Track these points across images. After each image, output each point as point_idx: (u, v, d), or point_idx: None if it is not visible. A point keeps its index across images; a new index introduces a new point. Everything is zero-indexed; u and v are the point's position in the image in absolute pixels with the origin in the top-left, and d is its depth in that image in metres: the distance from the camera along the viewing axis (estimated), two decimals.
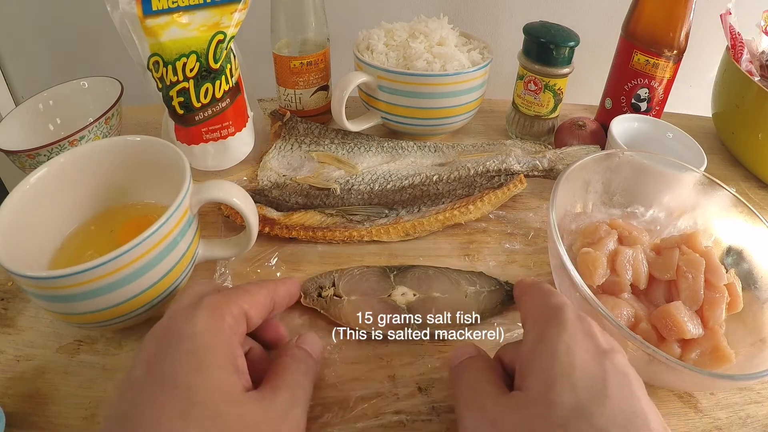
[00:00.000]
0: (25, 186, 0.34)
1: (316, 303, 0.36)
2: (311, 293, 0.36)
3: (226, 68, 0.45)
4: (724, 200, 0.40)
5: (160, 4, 0.41)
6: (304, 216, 0.44)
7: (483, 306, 0.37)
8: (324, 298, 0.36)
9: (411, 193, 0.48)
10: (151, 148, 0.38)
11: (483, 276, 0.40)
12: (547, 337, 0.24)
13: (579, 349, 0.24)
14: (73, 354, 0.34)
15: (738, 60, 0.57)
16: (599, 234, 0.39)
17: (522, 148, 0.54)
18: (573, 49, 0.54)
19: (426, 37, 0.55)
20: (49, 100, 0.53)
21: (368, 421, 0.31)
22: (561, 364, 0.23)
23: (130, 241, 0.29)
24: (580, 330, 0.25)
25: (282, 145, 0.53)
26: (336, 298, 0.36)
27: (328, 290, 0.36)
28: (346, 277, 0.38)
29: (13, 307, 0.38)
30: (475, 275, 0.40)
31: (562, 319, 0.25)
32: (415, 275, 0.38)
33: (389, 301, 0.36)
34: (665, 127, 0.52)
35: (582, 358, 0.23)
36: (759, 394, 0.35)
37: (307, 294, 0.36)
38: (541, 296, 0.28)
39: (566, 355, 0.23)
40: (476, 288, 0.38)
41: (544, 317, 0.26)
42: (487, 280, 0.39)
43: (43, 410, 0.31)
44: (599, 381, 0.22)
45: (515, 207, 0.49)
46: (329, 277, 0.38)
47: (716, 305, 0.34)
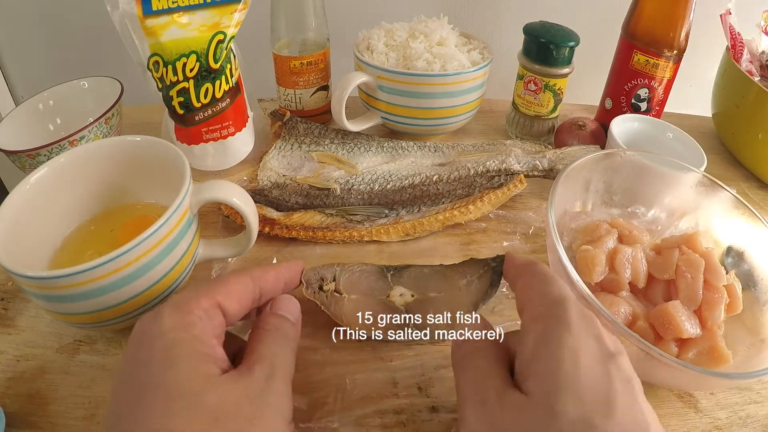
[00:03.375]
0: (25, 186, 0.34)
1: (317, 296, 0.36)
2: (313, 285, 0.36)
3: (226, 68, 0.45)
4: (724, 201, 0.40)
5: (160, 4, 0.41)
6: (304, 216, 0.44)
7: (475, 296, 0.36)
8: (325, 292, 0.36)
9: (411, 193, 0.48)
10: (151, 148, 0.38)
11: (471, 262, 0.38)
12: (550, 338, 0.23)
13: (584, 353, 0.22)
14: (73, 354, 0.34)
15: (738, 60, 0.57)
16: (599, 232, 0.39)
17: (522, 148, 0.54)
18: (573, 49, 0.54)
19: (426, 37, 0.55)
20: (49, 100, 0.53)
21: (368, 420, 0.31)
22: (566, 371, 0.22)
23: (130, 241, 0.29)
24: (584, 330, 0.23)
25: (282, 145, 0.53)
26: (336, 294, 0.36)
27: (330, 284, 0.36)
28: (346, 273, 0.37)
29: (13, 307, 0.38)
30: (465, 264, 0.39)
31: (566, 317, 0.24)
32: (411, 275, 0.38)
33: (388, 302, 0.36)
34: (665, 127, 0.52)
35: (587, 364, 0.22)
36: (759, 394, 0.35)
37: (308, 284, 0.36)
38: (540, 284, 0.26)
39: (571, 360, 0.22)
40: (467, 279, 0.38)
41: (545, 312, 0.25)
42: (474, 266, 0.38)
43: (43, 410, 0.31)
44: (605, 390, 0.21)
45: (515, 207, 0.49)
46: (331, 270, 0.37)
47: (715, 306, 0.34)
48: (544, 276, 0.27)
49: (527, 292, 0.27)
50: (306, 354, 0.35)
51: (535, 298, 0.26)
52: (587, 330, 0.23)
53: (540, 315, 0.25)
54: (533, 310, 0.25)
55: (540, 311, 0.25)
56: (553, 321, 0.24)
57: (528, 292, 0.27)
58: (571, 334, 0.23)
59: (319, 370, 0.34)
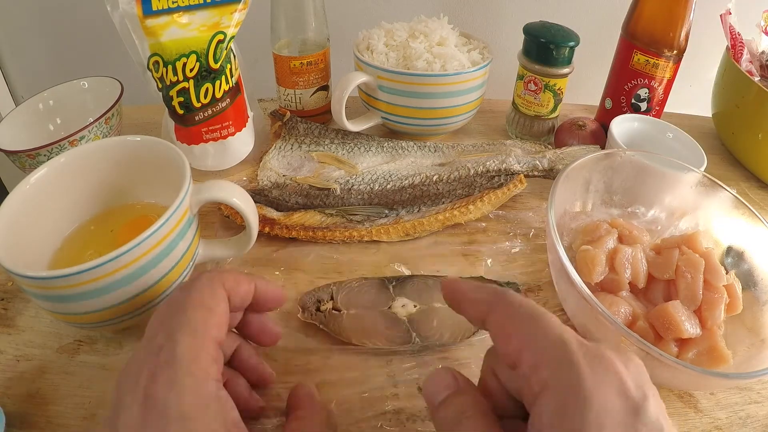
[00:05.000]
0: (25, 186, 0.34)
1: (315, 318, 0.35)
2: (309, 307, 0.36)
3: (226, 68, 0.45)
4: (724, 201, 0.40)
5: (160, 4, 0.41)
6: (304, 216, 0.44)
7: None
8: (323, 312, 0.36)
9: (411, 193, 0.48)
10: (151, 148, 0.38)
11: (483, 281, 0.39)
12: (569, 412, 0.20)
13: (610, 423, 0.19)
14: (73, 354, 0.34)
15: (738, 60, 0.57)
16: (599, 232, 0.39)
17: (522, 148, 0.54)
18: (573, 49, 0.54)
19: (426, 37, 0.55)
20: (49, 100, 0.53)
21: (368, 421, 0.31)
22: None
23: (130, 241, 0.29)
24: (604, 386, 0.20)
25: (282, 145, 0.53)
26: (335, 312, 0.36)
27: (327, 304, 0.36)
28: (344, 290, 0.37)
29: (13, 307, 0.38)
30: (473, 280, 0.39)
31: (582, 381, 0.20)
32: (414, 286, 0.38)
33: (389, 314, 0.36)
34: (665, 127, 0.52)
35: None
36: (759, 394, 0.35)
37: (305, 308, 0.36)
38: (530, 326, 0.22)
39: None
40: None
41: (554, 373, 0.21)
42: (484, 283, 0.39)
43: (43, 410, 0.31)
44: None
45: (515, 207, 0.49)
46: (327, 290, 0.37)
47: (715, 306, 0.34)
48: (529, 312, 0.23)
49: (517, 336, 0.23)
50: (305, 355, 0.35)
51: (532, 346, 0.22)
52: (606, 384, 0.20)
53: (547, 373, 0.21)
54: (531, 358, 0.22)
55: (545, 369, 0.21)
56: (570, 390, 0.20)
57: (518, 336, 0.23)
58: (594, 405, 0.20)
59: (319, 371, 0.34)
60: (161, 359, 0.22)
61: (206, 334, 0.24)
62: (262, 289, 0.29)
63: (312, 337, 0.36)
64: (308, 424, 0.26)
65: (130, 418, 0.21)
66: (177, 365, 0.22)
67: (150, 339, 0.24)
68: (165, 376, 0.22)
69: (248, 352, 0.30)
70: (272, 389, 0.32)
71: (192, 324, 0.24)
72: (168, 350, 0.22)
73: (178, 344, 0.23)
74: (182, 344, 0.23)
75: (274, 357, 0.34)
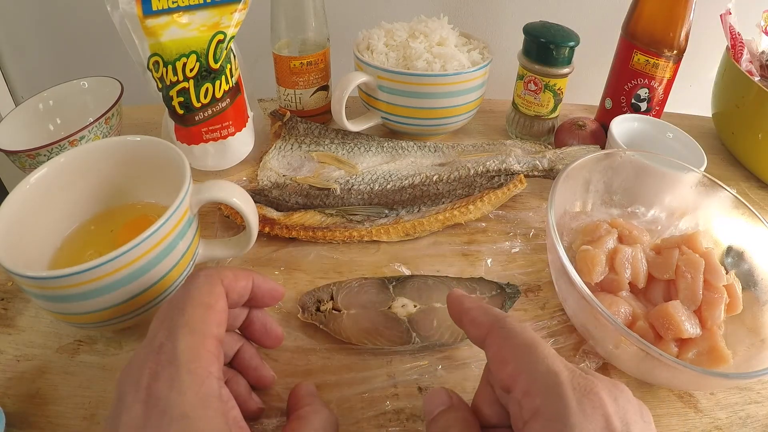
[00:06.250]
0: (25, 186, 0.34)
1: (315, 318, 0.35)
2: (309, 308, 0.36)
3: (226, 68, 0.45)
4: (724, 201, 0.40)
5: (160, 4, 0.41)
6: (304, 216, 0.44)
7: None
8: (323, 312, 0.36)
9: (411, 193, 0.48)
10: (151, 148, 0.38)
11: (483, 281, 0.39)
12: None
13: None
14: (73, 354, 0.34)
15: (738, 60, 0.57)
16: (599, 232, 0.39)
17: (522, 148, 0.54)
18: (573, 49, 0.54)
19: (426, 37, 0.55)
20: (49, 100, 0.53)
21: (368, 421, 0.31)
22: None
23: (130, 241, 0.29)
24: (593, 425, 0.21)
25: (282, 145, 0.53)
26: (335, 312, 0.36)
27: (327, 304, 0.36)
28: (344, 290, 0.37)
29: (13, 307, 0.38)
30: (475, 281, 0.39)
31: (569, 415, 0.21)
32: (414, 286, 0.38)
33: (389, 314, 0.36)
34: (665, 127, 0.52)
35: None
36: (759, 394, 0.35)
37: (305, 309, 0.36)
38: (525, 354, 0.23)
39: None
40: (476, 295, 0.38)
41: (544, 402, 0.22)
42: (487, 285, 0.39)
43: (43, 410, 0.31)
44: None
45: (515, 207, 0.49)
46: (327, 291, 0.37)
47: (715, 306, 0.34)
48: (526, 341, 0.24)
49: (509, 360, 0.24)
50: (306, 355, 0.35)
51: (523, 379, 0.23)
52: (593, 419, 0.21)
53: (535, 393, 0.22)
54: (524, 385, 0.23)
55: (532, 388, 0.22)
56: (552, 414, 0.21)
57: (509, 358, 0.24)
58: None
59: (319, 371, 0.34)
60: (162, 358, 0.22)
61: (206, 331, 0.24)
62: (259, 284, 0.29)
63: (312, 337, 0.36)
64: (309, 424, 0.26)
65: (131, 417, 0.21)
66: (178, 364, 0.22)
67: (151, 338, 0.24)
68: (166, 374, 0.22)
69: (250, 354, 0.30)
70: (272, 389, 0.32)
71: (192, 322, 0.24)
72: (169, 349, 0.23)
73: (178, 343, 0.23)
74: (183, 342, 0.23)
75: (275, 357, 0.34)
